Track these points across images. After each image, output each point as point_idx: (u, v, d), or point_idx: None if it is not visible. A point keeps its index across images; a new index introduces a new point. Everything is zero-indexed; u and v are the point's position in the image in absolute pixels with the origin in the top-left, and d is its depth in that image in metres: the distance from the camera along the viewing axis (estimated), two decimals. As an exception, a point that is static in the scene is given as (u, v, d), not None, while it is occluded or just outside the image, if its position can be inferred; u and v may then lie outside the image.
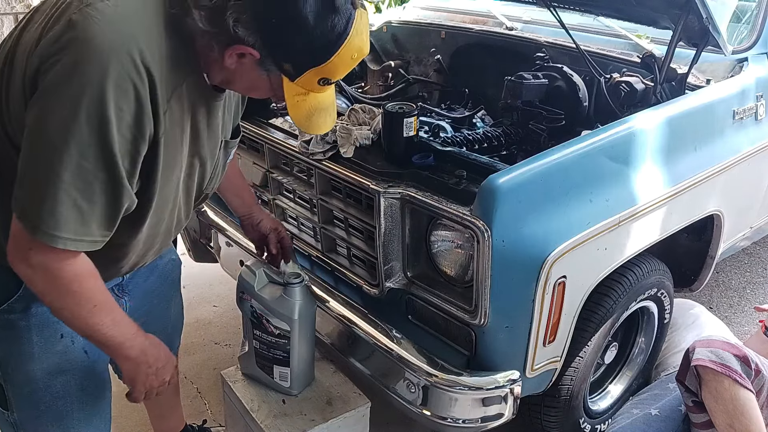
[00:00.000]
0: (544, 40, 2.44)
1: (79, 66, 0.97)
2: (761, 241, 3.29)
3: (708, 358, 1.65)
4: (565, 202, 1.56)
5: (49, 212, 1.00)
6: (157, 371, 1.29)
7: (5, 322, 1.22)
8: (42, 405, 1.31)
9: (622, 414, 2.02)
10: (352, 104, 2.18)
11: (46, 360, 1.27)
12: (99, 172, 1.01)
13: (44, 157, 0.99)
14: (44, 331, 1.25)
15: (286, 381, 1.74)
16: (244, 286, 1.69)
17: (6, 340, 1.24)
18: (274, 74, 1.12)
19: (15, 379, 1.28)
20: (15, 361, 1.26)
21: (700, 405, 1.73)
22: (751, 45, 2.20)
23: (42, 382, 1.29)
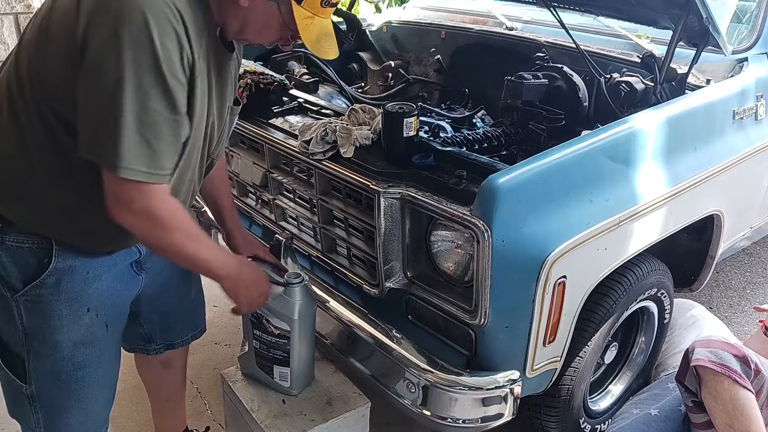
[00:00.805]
0: (544, 40, 2.44)
1: (123, 16, 1.07)
2: (761, 241, 3.29)
3: (707, 359, 1.65)
4: (565, 202, 1.56)
5: (136, 153, 1.11)
6: (254, 283, 1.49)
7: (36, 296, 1.30)
8: (63, 375, 1.38)
9: (622, 414, 2.02)
10: (352, 104, 2.18)
11: (74, 332, 1.35)
12: (161, 108, 1.12)
13: (113, 108, 1.08)
14: (73, 304, 1.33)
15: (286, 381, 1.74)
16: None
17: (36, 312, 1.32)
18: (284, 3, 1.25)
19: (41, 350, 1.35)
20: (43, 334, 1.33)
21: (699, 405, 1.73)
22: (751, 45, 2.20)
23: (67, 352, 1.36)
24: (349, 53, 2.92)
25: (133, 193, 1.15)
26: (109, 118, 1.09)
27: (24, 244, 1.28)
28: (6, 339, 1.38)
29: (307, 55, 2.64)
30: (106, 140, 1.11)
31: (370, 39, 3.01)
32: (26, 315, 1.32)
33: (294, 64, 2.55)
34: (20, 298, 1.30)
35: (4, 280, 1.30)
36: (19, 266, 1.29)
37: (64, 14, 1.13)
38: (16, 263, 1.28)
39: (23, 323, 1.33)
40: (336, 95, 2.47)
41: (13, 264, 1.28)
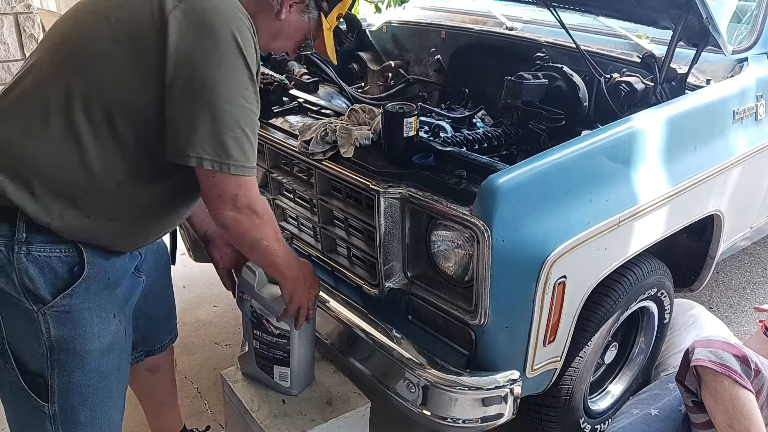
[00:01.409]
0: (544, 40, 2.44)
1: (217, 31, 1.19)
2: (761, 241, 3.29)
3: (707, 359, 1.65)
4: (565, 202, 1.56)
5: (236, 148, 1.21)
6: (310, 287, 1.59)
7: (67, 306, 1.27)
8: (89, 387, 1.35)
9: (622, 414, 2.02)
10: (352, 104, 2.18)
11: (103, 340, 1.34)
12: (253, 107, 1.25)
13: (217, 104, 1.18)
14: (101, 312, 1.33)
15: (286, 381, 1.74)
16: (244, 286, 1.69)
17: (67, 323, 1.28)
18: (313, 16, 1.45)
19: (68, 363, 1.31)
20: (73, 345, 1.30)
21: (699, 405, 1.73)
22: (751, 45, 2.20)
23: (95, 363, 1.34)
24: (349, 53, 2.92)
25: (237, 189, 1.25)
26: (213, 120, 1.19)
27: (52, 253, 1.25)
28: (23, 359, 1.30)
29: (307, 55, 2.64)
30: (210, 141, 1.19)
31: (370, 39, 3.01)
32: (55, 327, 1.27)
33: (294, 64, 2.55)
34: (48, 310, 1.26)
35: (31, 293, 1.24)
36: (48, 277, 1.25)
37: (140, 30, 1.20)
38: (45, 274, 1.24)
39: (50, 337, 1.28)
40: (336, 95, 2.47)
41: (41, 275, 1.24)
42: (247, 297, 1.69)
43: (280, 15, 1.38)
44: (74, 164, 1.22)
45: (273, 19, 1.39)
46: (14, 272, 1.22)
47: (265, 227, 1.35)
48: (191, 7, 1.19)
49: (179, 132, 1.20)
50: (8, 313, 1.27)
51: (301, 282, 1.56)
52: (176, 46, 1.17)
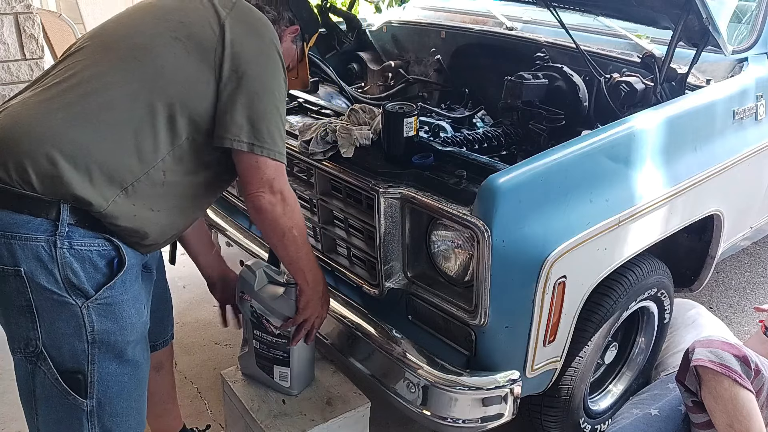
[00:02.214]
0: (544, 40, 2.44)
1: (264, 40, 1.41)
2: (761, 241, 3.29)
3: (707, 358, 1.65)
4: (565, 202, 1.56)
5: (279, 137, 1.38)
6: (323, 303, 1.65)
7: (108, 298, 1.30)
8: (125, 377, 1.38)
9: (622, 414, 2.02)
10: (352, 104, 2.18)
11: (138, 330, 1.39)
12: (284, 104, 1.42)
13: (264, 97, 1.35)
14: (136, 302, 1.38)
15: (286, 381, 1.74)
16: (244, 286, 1.69)
17: (109, 315, 1.31)
18: (299, 44, 1.67)
19: (107, 355, 1.33)
20: (115, 336, 1.32)
21: (700, 405, 1.73)
22: (751, 45, 2.20)
23: (131, 352, 1.38)
24: (349, 53, 2.92)
25: (275, 173, 1.38)
26: (261, 110, 1.35)
27: (93, 247, 1.27)
28: (60, 358, 1.30)
29: (307, 55, 2.64)
30: (258, 128, 1.34)
31: (370, 39, 3.01)
32: (98, 321, 1.29)
33: (294, 64, 2.55)
34: (92, 303, 1.28)
35: (75, 287, 1.25)
36: (89, 271, 1.27)
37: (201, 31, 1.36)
38: (86, 268, 1.26)
39: (93, 330, 1.29)
40: (336, 95, 2.47)
41: (83, 269, 1.26)
42: (247, 297, 1.69)
43: (282, 42, 1.56)
44: (130, 152, 1.29)
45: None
46: (57, 267, 1.23)
47: (295, 215, 1.45)
48: (241, 17, 1.40)
49: (231, 119, 1.33)
50: (46, 312, 1.26)
51: (319, 294, 1.62)
52: (232, 46, 1.34)
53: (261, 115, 1.35)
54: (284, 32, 1.58)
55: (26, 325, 1.27)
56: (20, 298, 1.25)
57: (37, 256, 1.22)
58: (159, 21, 1.40)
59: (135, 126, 1.29)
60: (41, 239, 1.22)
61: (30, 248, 1.21)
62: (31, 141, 1.23)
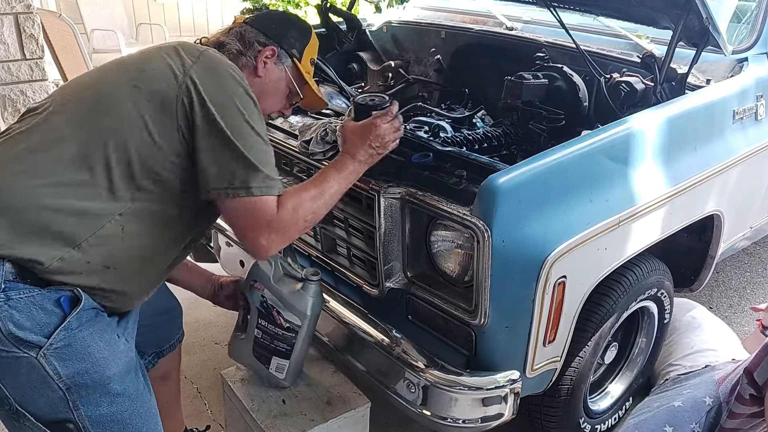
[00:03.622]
0: (544, 40, 2.44)
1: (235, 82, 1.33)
2: (761, 241, 3.29)
3: None
4: (565, 202, 1.56)
5: (269, 176, 1.30)
6: (376, 138, 1.52)
7: (66, 339, 1.20)
8: (125, 414, 1.30)
9: (641, 409, 2.01)
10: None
11: (118, 362, 1.28)
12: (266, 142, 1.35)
13: (243, 140, 1.28)
14: (104, 335, 1.26)
15: (281, 373, 1.73)
16: (259, 275, 1.68)
17: (73, 357, 1.21)
18: (288, 64, 1.56)
19: (92, 397, 1.24)
20: (90, 376, 1.23)
21: (756, 399, 1.73)
22: (751, 45, 2.20)
23: (119, 386, 1.28)
24: (349, 53, 2.92)
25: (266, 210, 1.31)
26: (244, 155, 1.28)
27: (34, 292, 1.18)
28: (40, 412, 1.21)
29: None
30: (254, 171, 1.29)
31: (370, 39, 3.01)
32: (62, 366, 1.19)
33: (294, 64, 2.55)
34: (48, 350, 1.17)
35: (22, 341, 1.15)
36: (37, 317, 1.17)
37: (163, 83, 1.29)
38: (33, 316, 1.17)
39: (62, 377, 1.19)
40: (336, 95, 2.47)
41: (29, 318, 1.16)
42: (260, 286, 1.67)
43: (258, 72, 1.51)
44: (82, 208, 1.22)
45: (254, 77, 1.50)
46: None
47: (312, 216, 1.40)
48: (207, 64, 1.33)
49: (219, 169, 1.28)
50: (4, 370, 1.18)
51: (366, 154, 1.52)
52: (201, 94, 1.27)
53: (233, 159, 1.27)
54: (258, 59, 1.50)
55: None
56: None
57: None
58: (121, 71, 1.35)
59: (91, 182, 1.22)
60: None
61: None
62: None
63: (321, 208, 1.41)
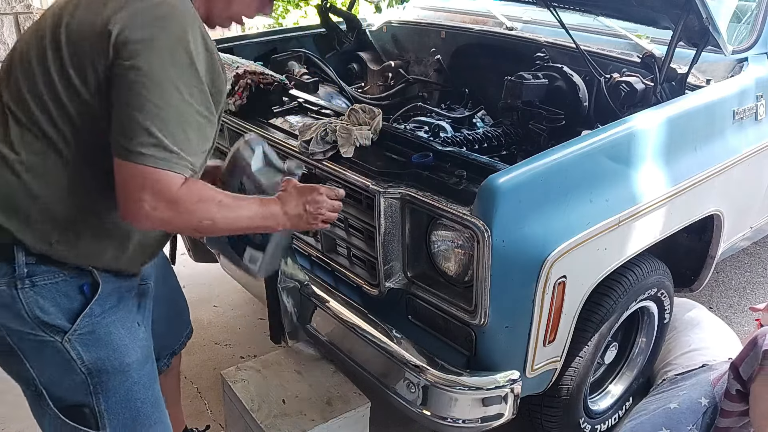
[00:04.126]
0: (544, 40, 2.44)
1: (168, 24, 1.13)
2: (761, 241, 3.29)
3: None
4: (565, 202, 1.56)
5: (177, 143, 1.12)
6: (311, 203, 1.39)
7: (89, 326, 1.23)
8: (138, 402, 1.33)
9: (638, 411, 2.02)
10: (352, 104, 2.18)
11: (136, 350, 1.32)
12: (200, 107, 1.15)
13: (163, 102, 1.10)
14: (125, 323, 1.30)
15: (255, 264, 1.60)
16: (241, 161, 1.56)
17: (96, 344, 1.25)
18: None
19: (110, 383, 1.28)
20: (111, 363, 1.27)
21: (742, 395, 1.74)
22: (751, 45, 2.20)
23: (136, 375, 1.32)
24: (349, 53, 2.92)
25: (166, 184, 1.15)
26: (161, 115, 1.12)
27: (58, 278, 1.21)
28: (61, 393, 1.27)
29: (307, 55, 2.64)
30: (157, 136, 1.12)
31: (370, 39, 3.01)
32: (86, 351, 1.24)
33: (294, 64, 2.55)
34: (72, 335, 1.22)
35: (48, 325, 1.20)
36: (61, 303, 1.21)
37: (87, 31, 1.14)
38: (57, 302, 1.21)
39: (84, 362, 1.24)
40: (336, 95, 2.47)
41: (54, 304, 1.20)
42: (239, 173, 1.56)
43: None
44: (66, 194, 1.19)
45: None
46: (23, 309, 1.18)
47: (210, 210, 1.20)
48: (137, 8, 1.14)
49: (117, 127, 1.12)
50: (31, 352, 1.23)
51: (297, 215, 1.38)
52: (118, 40, 1.11)
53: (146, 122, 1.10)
54: None
55: (21, 367, 1.25)
56: (2, 343, 1.22)
57: (1, 301, 1.18)
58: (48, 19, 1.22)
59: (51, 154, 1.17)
60: (2, 284, 1.18)
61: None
62: None
63: (221, 221, 1.22)
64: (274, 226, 1.36)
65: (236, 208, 1.26)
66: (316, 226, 1.44)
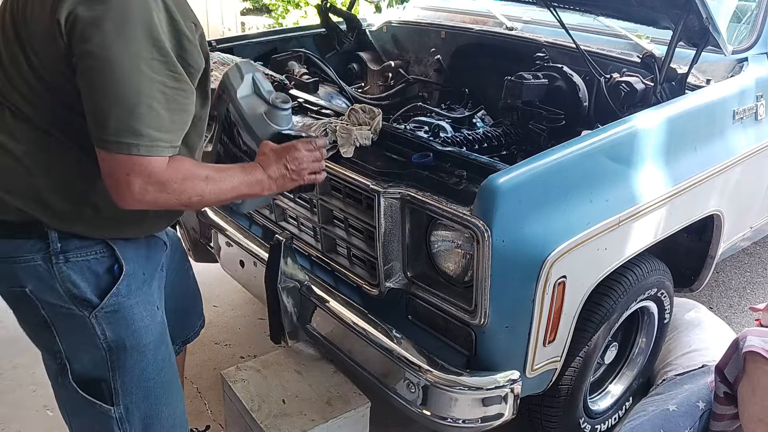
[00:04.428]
0: (544, 40, 2.44)
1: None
2: (761, 241, 3.29)
3: (761, 347, 1.65)
4: (565, 202, 1.56)
5: (150, 126, 1.10)
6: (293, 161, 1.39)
7: (115, 305, 1.30)
8: (150, 381, 1.39)
9: (636, 412, 2.02)
10: (352, 104, 2.18)
11: (154, 332, 1.38)
12: (166, 78, 1.12)
13: (121, 82, 1.07)
14: (147, 305, 1.36)
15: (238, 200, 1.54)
16: (227, 87, 1.50)
17: (119, 322, 1.31)
18: None
19: (127, 361, 1.34)
20: (130, 342, 1.33)
21: (730, 397, 1.73)
22: (751, 45, 2.20)
23: (151, 355, 1.37)
24: (349, 53, 2.92)
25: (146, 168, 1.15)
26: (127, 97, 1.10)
27: (89, 256, 1.27)
28: (81, 368, 1.33)
29: (307, 55, 2.64)
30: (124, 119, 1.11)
31: (370, 39, 3.01)
32: (109, 328, 1.30)
33: (294, 64, 2.55)
34: (99, 312, 1.29)
35: (78, 299, 1.27)
36: (90, 280, 1.27)
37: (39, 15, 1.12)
38: (87, 278, 1.27)
39: (107, 338, 1.31)
40: (336, 95, 2.47)
41: (83, 279, 1.26)
42: (226, 99, 1.51)
43: None
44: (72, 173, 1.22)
45: None
46: (57, 282, 1.24)
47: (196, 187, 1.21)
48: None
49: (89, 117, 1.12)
50: (61, 324, 1.29)
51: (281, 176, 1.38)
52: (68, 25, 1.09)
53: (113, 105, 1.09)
54: None
55: (50, 339, 1.31)
56: (35, 315, 1.28)
57: (37, 274, 1.24)
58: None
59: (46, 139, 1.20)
60: (37, 258, 1.23)
61: (29, 269, 1.24)
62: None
63: (210, 195, 1.24)
64: (260, 191, 1.37)
65: (221, 181, 1.27)
66: (303, 180, 1.44)
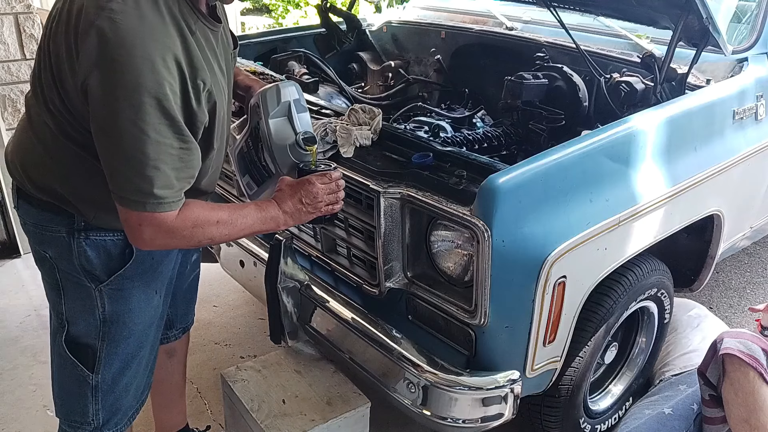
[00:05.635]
0: (544, 40, 2.44)
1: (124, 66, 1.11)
2: (761, 241, 3.29)
3: (737, 348, 1.65)
4: (565, 202, 1.56)
5: (156, 186, 1.18)
6: (308, 195, 1.46)
7: (119, 284, 1.42)
8: (129, 356, 1.49)
9: (633, 415, 2.02)
10: (352, 104, 2.18)
11: (147, 314, 1.49)
12: (172, 141, 1.18)
13: (129, 146, 1.15)
14: (147, 289, 1.47)
15: (250, 190, 1.73)
16: (262, 105, 1.57)
17: (119, 300, 1.43)
18: None
19: (117, 335, 1.45)
20: (123, 318, 1.45)
21: (717, 399, 1.73)
22: (751, 45, 2.20)
23: (139, 334, 1.49)
24: (349, 53, 2.92)
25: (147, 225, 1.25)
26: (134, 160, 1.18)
27: (107, 237, 1.38)
28: (76, 331, 1.44)
29: (307, 55, 2.64)
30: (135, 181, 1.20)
31: (370, 39, 3.01)
32: (109, 303, 1.42)
33: (294, 64, 2.56)
34: (105, 287, 1.40)
35: (88, 272, 1.39)
36: (102, 258, 1.38)
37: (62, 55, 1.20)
38: (100, 256, 1.38)
39: (105, 311, 1.42)
40: (336, 95, 2.47)
41: (97, 257, 1.38)
42: (260, 113, 1.58)
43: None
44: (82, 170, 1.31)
45: None
46: (74, 255, 1.37)
47: (208, 233, 1.31)
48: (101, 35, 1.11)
49: (104, 168, 1.22)
50: (69, 290, 1.42)
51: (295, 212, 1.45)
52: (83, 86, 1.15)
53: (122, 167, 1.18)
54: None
55: (58, 300, 1.44)
56: (51, 276, 1.43)
57: (59, 245, 1.37)
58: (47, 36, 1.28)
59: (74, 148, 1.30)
60: (63, 231, 1.36)
61: (55, 239, 1.37)
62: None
63: (222, 237, 1.35)
64: (275, 227, 1.45)
65: (234, 223, 1.35)
66: (320, 212, 1.51)
